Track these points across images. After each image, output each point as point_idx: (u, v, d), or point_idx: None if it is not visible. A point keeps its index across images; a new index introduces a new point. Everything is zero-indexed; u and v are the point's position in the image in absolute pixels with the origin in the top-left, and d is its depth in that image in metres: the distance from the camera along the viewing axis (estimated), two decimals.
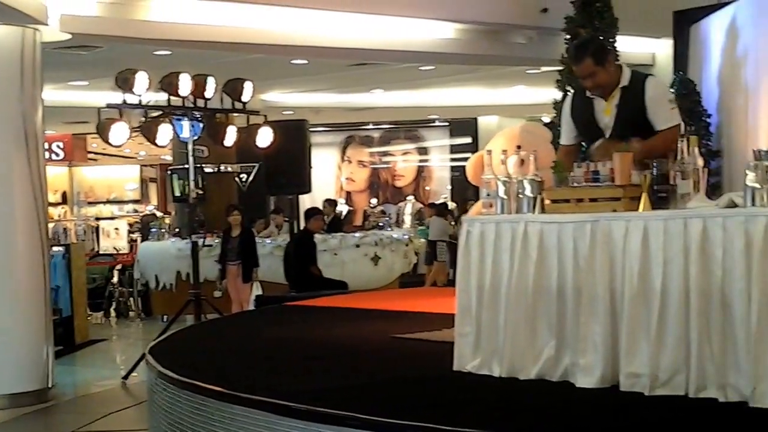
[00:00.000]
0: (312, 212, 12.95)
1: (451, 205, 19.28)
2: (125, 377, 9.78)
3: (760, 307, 4.10)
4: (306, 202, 15.68)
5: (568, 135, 5.74)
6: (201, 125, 9.81)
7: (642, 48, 14.33)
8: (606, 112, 5.45)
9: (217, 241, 12.79)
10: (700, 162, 4.67)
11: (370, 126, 22.72)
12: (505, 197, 5.23)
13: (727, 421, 4.04)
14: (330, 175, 22.31)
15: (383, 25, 12.67)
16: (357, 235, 14.09)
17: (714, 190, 9.53)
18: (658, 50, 14.16)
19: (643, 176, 4.72)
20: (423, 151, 23.09)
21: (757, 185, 4.22)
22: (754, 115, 10.26)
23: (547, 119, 13.32)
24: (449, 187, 22.78)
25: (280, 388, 4.92)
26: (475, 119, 21.94)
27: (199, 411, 5.04)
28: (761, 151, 4.31)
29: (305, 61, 14.32)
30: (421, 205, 20.57)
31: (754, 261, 4.13)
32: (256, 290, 11.79)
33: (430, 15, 12.54)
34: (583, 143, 5.74)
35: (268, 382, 5.29)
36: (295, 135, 12.30)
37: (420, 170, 23.04)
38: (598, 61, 5.38)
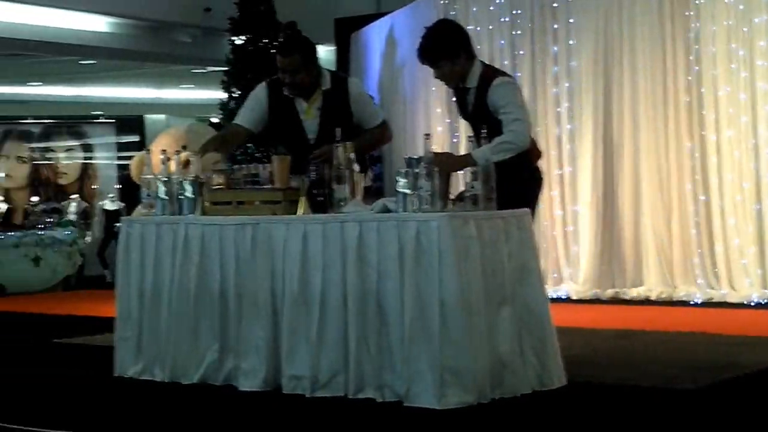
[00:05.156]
0: None
1: (120, 204, 18.78)
2: None
3: (412, 310, 4.27)
4: None
5: (247, 118, 5.46)
6: None
7: None
8: (307, 114, 5.35)
9: None
10: (357, 167, 4.80)
11: (30, 120, 21.71)
12: (165, 198, 5.15)
13: (383, 420, 4.17)
14: None
15: (36, 15, 12.12)
16: (17, 234, 13.44)
17: (378, 195, 9.87)
18: (322, 56, 14.49)
19: (301, 180, 4.79)
20: (88, 148, 22.33)
21: (408, 191, 4.40)
22: (412, 122, 10.73)
23: (215, 120, 13.29)
24: (118, 186, 22.19)
25: None
26: (142, 117, 21.54)
27: None
28: (412, 158, 4.50)
29: None
30: (86, 204, 19.89)
31: (406, 265, 4.31)
32: None
33: (82, 7, 12.13)
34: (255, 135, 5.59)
35: None
36: None
37: (85, 168, 22.27)
38: (305, 60, 5.29)
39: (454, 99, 5.41)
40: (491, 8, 9.61)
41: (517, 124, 4.86)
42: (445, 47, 5.01)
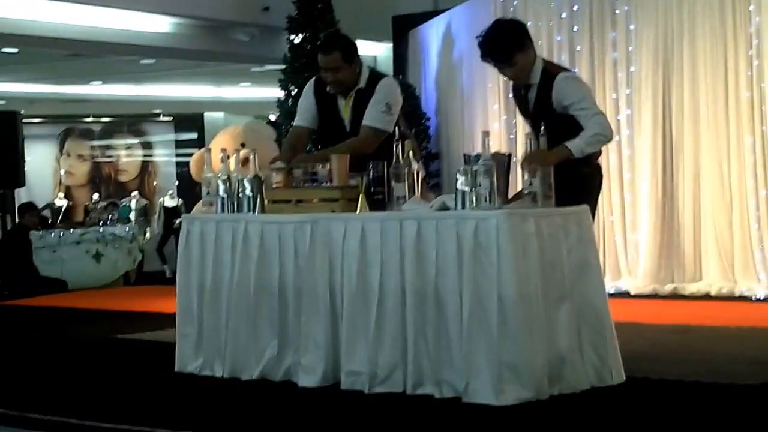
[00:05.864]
0: (27, 207, 12.45)
1: (178, 201, 18.99)
2: None
3: (470, 307, 4.28)
4: (23, 196, 15.03)
5: (304, 118, 5.59)
6: None
7: (363, 50, 14.59)
8: (345, 112, 5.44)
9: None
10: (415, 165, 4.82)
11: (90, 119, 22.01)
12: (225, 196, 5.21)
13: (442, 416, 4.17)
14: (48, 168, 21.42)
15: (97, 16, 12.30)
16: (78, 231, 13.64)
17: (435, 192, 9.89)
18: (379, 53, 14.54)
19: (359, 178, 4.82)
20: (147, 145, 22.59)
21: (467, 189, 4.41)
22: (469, 119, 10.73)
23: (273, 118, 13.40)
24: (176, 183, 22.43)
25: None
26: (201, 115, 21.73)
27: None
28: (471, 156, 4.51)
29: (16, 50, 13.70)
30: (146, 201, 20.12)
31: (465, 261, 4.31)
32: None
33: (144, 7, 12.28)
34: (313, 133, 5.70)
35: None
36: (5, 127, 11.76)
37: (145, 165, 22.53)
38: (345, 58, 5.35)
39: (510, 95, 5.38)
40: (551, 4, 9.57)
41: (601, 118, 4.89)
42: (516, 40, 4.98)
